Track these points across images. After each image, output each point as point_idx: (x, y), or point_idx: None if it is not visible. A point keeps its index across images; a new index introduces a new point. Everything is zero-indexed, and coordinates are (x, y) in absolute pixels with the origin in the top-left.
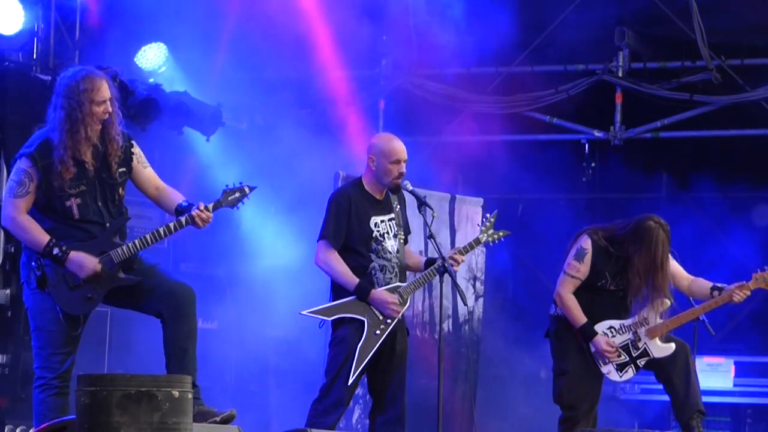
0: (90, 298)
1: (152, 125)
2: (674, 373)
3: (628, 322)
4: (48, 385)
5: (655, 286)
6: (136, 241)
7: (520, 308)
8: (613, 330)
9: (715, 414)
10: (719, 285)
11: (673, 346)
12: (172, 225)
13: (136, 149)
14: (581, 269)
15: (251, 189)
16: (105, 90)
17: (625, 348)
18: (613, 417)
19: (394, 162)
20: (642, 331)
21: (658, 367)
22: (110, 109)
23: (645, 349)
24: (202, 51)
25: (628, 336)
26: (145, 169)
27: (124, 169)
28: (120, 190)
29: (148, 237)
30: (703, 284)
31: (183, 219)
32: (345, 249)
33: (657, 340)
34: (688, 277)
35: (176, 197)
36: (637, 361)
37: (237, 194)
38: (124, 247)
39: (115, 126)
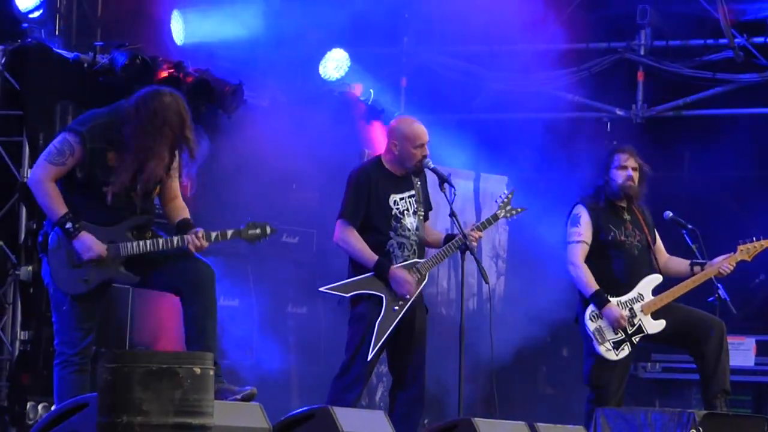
0: (85, 281)
1: None
2: (707, 350)
3: (624, 298)
4: (69, 361)
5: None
6: (147, 242)
7: (542, 287)
8: None
9: (736, 392)
10: (699, 261)
11: (663, 322)
12: (175, 240)
13: (176, 158)
14: (582, 232)
15: (273, 231)
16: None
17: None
18: (634, 395)
19: (418, 146)
20: (638, 306)
21: (693, 341)
22: None
23: (640, 325)
24: (224, 28)
25: (625, 312)
26: (173, 179)
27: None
28: (156, 189)
29: (160, 242)
30: (680, 262)
31: (182, 238)
32: (364, 227)
33: (650, 317)
34: (665, 254)
35: (184, 212)
36: (633, 338)
37: (258, 231)
38: (134, 244)
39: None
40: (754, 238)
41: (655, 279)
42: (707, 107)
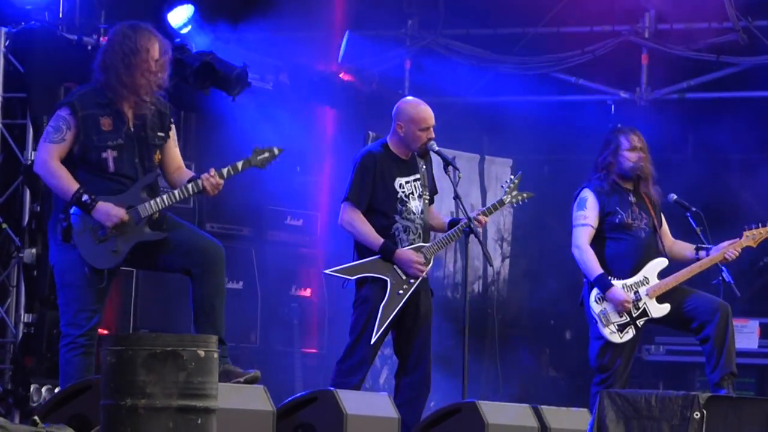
0: (115, 252)
1: (178, 85)
2: (713, 332)
3: (630, 281)
4: (74, 343)
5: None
6: (164, 197)
7: (546, 270)
8: None
9: (740, 375)
10: (704, 246)
11: (668, 306)
12: (190, 186)
13: (173, 125)
14: (588, 215)
15: (280, 151)
16: (162, 48)
17: None
18: (638, 378)
19: (424, 129)
20: (643, 290)
21: (698, 324)
22: (162, 69)
23: (645, 309)
24: (228, 10)
25: (630, 295)
26: (174, 147)
27: (162, 134)
28: (157, 153)
29: (176, 193)
30: (685, 246)
31: (195, 183)
32: (369, 210)
33: (655, 300)
34: (670, 238)
35: (190, 175)
36: (637, 322)
37: (266, 154)
38: (152, 202)
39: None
40: (759, 225)
41: (661, 263)
42: (711, 90)
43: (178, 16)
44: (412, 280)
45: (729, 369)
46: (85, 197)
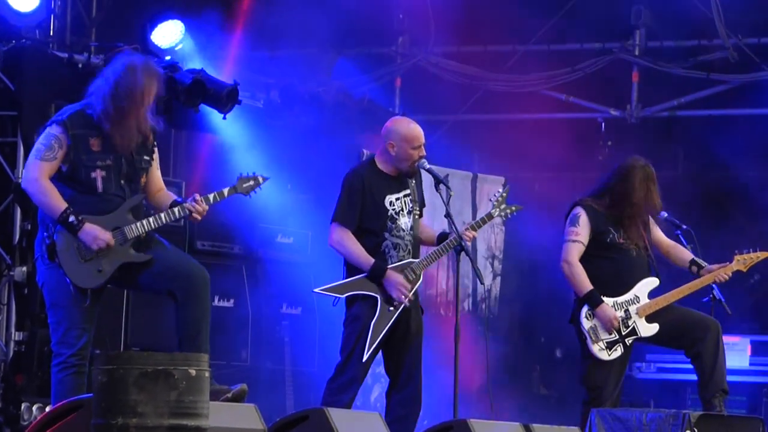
0: (100, 272)
1: (169, 102)
2: (704, 350)
3: (620, 299)
4: (66, 363)
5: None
6: (150, 219)
7: (537, 287)
8: None
9: (731, 393)
10: (698, 260)
11: (656, 326)
12: (176, 210)
13: (156, 148)
14: (579, 232)
15: (264, 179)
16: (160, 87)
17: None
18: (629, 395)
19: (416, 147)
20: (633, 308)
21: (689, 342)
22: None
23: (634, 327)
24: (218, 28)
25: (620, 313)
26: (156, 169)
27: (148, 158)
28: (143, 176)
29: (162, 216)
30: (683, 254)
31: (182, 206)
32: (359, 230)
33: (644, 320)
34: (668, 241)
35: (172, 198)
36: (626, 340)
37: (251, 182)
38: (138, 224)
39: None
40: (750, 249)
41: (652, 282)
42: (701, 108)
43: (169, 34)
44: (402, 300)
45: (720, 387)
46: (72, 218)
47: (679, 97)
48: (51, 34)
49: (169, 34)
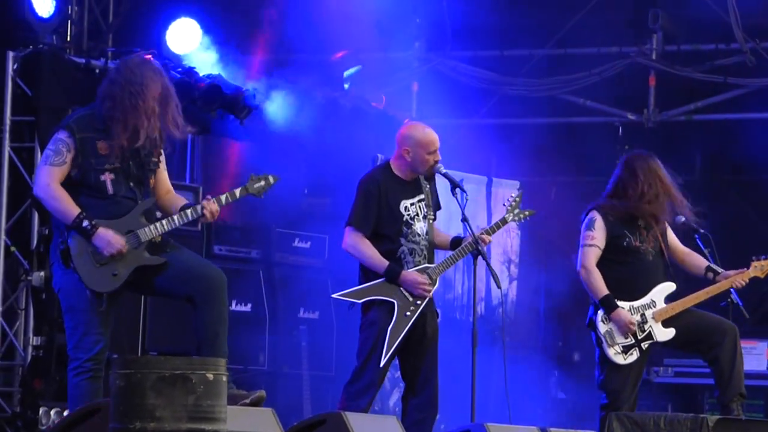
0: (115, 276)
1: (186, 107)
2: (722, 354)
3: (637, 303)
4: (82, 367)
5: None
6: (164, 222)
7: (553, 291)
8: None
9: (748, 397)
10: (713, 266)
11: (673, 330)
12: (189, 212)
13: (162, 150)
14: (596, 236)
15: (275, 179)
16: (165, 85)
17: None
18: (646, 399)
19: (431, 152)
20: (649, 313)
21: (706, 346)
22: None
23: (650, 332)
24: (236, 34)
25: (636, 318)
26: (163, 171)
27: (155, 159)
28: (151, 178)
29: (175, 218)
30: (698, 261)
31: (194, 208)
32: (374, 235)
33: (661, 324)
34: (683, 249)
35: (181, 200)
36: (642, 344)
37: (262, 182)
38: (151, 227)
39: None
40: (765, 256)
41: (669, 287)
42: (718, 111)
43: (186, 39)
44: (419, 302)
45: (738, 391)
46: (85, 223)
47: (696, 101)
48: (68, 39)
49: (186, 39)
